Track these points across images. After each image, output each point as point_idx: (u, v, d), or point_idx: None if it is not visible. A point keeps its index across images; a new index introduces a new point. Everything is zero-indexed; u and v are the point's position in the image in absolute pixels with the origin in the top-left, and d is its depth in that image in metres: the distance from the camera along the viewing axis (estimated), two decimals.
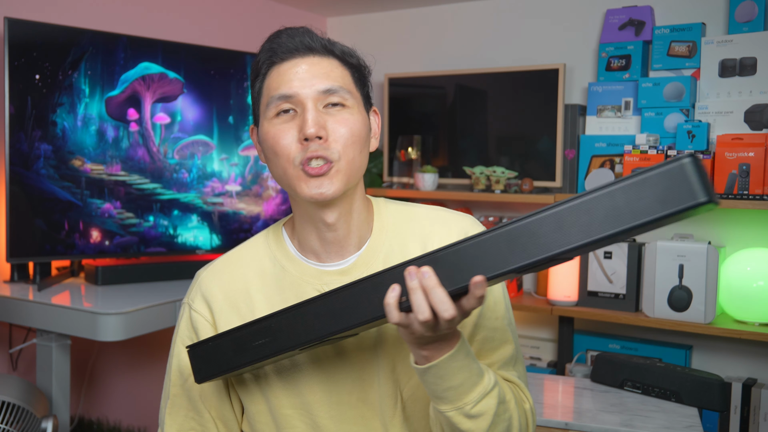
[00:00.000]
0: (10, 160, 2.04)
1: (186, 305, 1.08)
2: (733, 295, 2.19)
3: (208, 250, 2.45)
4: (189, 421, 1.07)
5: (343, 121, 0.96)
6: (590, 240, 0.72)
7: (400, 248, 1.04)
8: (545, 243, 0.75)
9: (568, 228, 0.73)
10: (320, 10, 3.19)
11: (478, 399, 0.89)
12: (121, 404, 2.59)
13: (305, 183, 0.95)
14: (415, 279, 0.81)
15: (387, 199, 1.11)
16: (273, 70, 0.99)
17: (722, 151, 2.16)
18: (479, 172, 2.62)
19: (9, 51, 2.03)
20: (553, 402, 1.95)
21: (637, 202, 0.70)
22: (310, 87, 0.96)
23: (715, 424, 2.24)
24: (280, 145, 0.96)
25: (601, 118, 2.51)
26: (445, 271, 0.80)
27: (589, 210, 0.72)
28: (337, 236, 1.02)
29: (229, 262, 1.09)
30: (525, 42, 2.80)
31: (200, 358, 0.96)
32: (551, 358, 2.71)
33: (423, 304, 0.80)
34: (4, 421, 1.71)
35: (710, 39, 2.30)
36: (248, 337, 0.92)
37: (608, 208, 0.71)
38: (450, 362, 0.87)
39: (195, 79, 2.40)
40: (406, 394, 1.03)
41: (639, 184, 0.70)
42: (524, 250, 0.76)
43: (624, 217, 0.70)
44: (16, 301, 1.99)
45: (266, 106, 0.98)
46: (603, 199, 0.71)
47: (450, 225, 1.06)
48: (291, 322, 0.89)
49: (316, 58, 0.98)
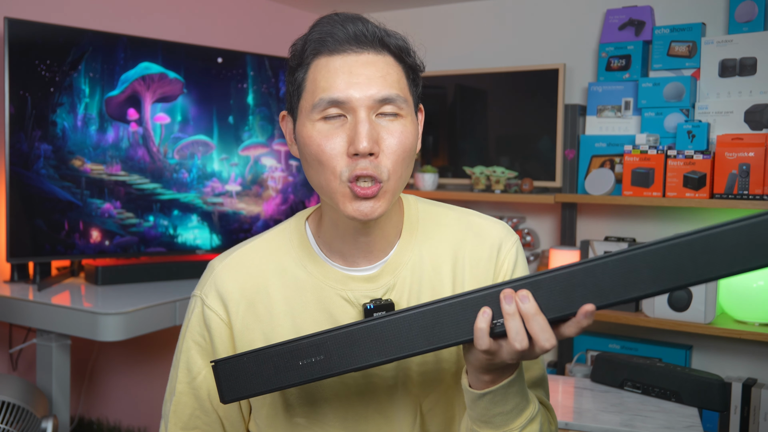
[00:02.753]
0: (10, 160, 2.04)
1: (198, 299, 1.01)
2: (733, 295, 2.19)
3: (208, 250, 2.45)
4: (194, 419, 1.02)
5: (396, 134, 0.88)
6: (722, 274, 0.69)
7: (429, 255, 0.98)
8: (670, 274, 0.70)
9: (697, 260, 0.69)
10: (320, 10, 3.19)
11: (524, 425, 0.86)
12: (121, 404, 2.59)
13: (350, 202, 0.87)
14: (513, 303, 0.75)
15: (417, 198, 1.05)
16: (320, 61, 0.89)
17: (722, 151, 2.16)
18: (479, 172, 2.62)
19: (9, 51, 2.03)
20: (553, 402, 1.95)
21: (745, 247, 0.68)
22: (365, 93, 0.86)
23: (715, 424, 2.24)
24: (327, 155, 0.87)
25: (601, 118, 2.51)
26: (544, 297, 0.74)
27: (723, 243, 0.69)
28: (369, 241, 0.96)
29: (246, 255, 1.00)
30: (525, 42, 2.81)
31: (231, 376, 0.84)
32: (551, 358, 2.71)
33: (521, 332, 0.75)
34: (4, 421, 1.71)
35: (710, 39, 2.30)
36: (296, 354, 0.82)
37: (744, 242, 0.68)
38: (509, 388, 0.83)
39: (195, 79, 2.40)
40: (426, 408, 0.98)
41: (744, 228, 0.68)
42: (644, 281, 0.71)
43: (759, 252, 0.68)
44: (16, 301, 1.99)
45: (312, 106, 0.88)
46: (739, 232, 0.68)
47: (483, 235, 1.00)
48: (352, 341, 0.80)
49: (371, 56, 0.88)
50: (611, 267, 0.72)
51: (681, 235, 0.70)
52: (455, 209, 1.04)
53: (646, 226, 2.54)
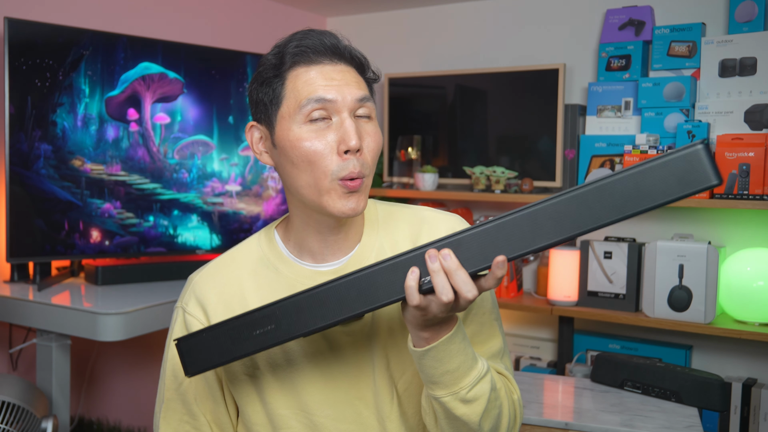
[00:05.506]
0: (10, 160, 2.05)
1: (180, 309, 1.08)
2: (733, 295, 2.19)
3: (208, 250, 2.45)
4: (184, 425, 1.06)
5: (372, 134, 0.97)
6: (614, 219, 0.77)
7: (390, 245, 1.05)
8: (571, 223, 0.79)
9: (593, 207, 0.78)
10: (320, 10, 3.19)
11: (474, 383, 0.90)
12: (121, 404, 2.59)
13: (339, 198, 0.95)
14: (437, 261, 0.82)
15: (374, 199, 1.12)
16: (299, 71, 0.96)
17: (722, 151, 2.16)
18: (479, 172, 2.62)
19: (9, 51, 2.03)
20: (553, 402, 1.95)
21: (658, 184, 0.76)
22: (346, 94, 0.95)
23: (715, 424, 2.24)
24: (318, 154, 0.93)
25: (601, 118, 2.51)
26: (464, 254, 0.82)
27: (613, 192, 0.77)
28: (337, 239, 1.03)
29: (223, 265, 1.08)
30: (525, 42, 2.81)
31: (192, 351, 0.93)
32: (551, 358, 2.71)
33: (446, 286, 0.82)
34: (4, 421, 1.71)
35: (710, 39, 2.30)
36: (249, 326, 0.90)
37: (631, 189, 0.76)
38: (448, 344, 0.88)
39: (195, 79, 2.40)
40: (401, 389, 1.03)
41: (660, 167, 0.76)
42: (548, 232, 0.79)
43: (645, 197, 0.76)
44: (16, 301, 1.99)
45: (297, 109, 0.94)
46: (626, 180, 0.77)
47: (437, 225, 1.07)
48: (298, 308, 0.88)
49: (345, 66, 0.97)
50: (519, 222, 0.80)
51: (577, 187, 0.79)
52: (411, 207, 1.12)
53: (646, 226, 2.54)
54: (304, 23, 3.17)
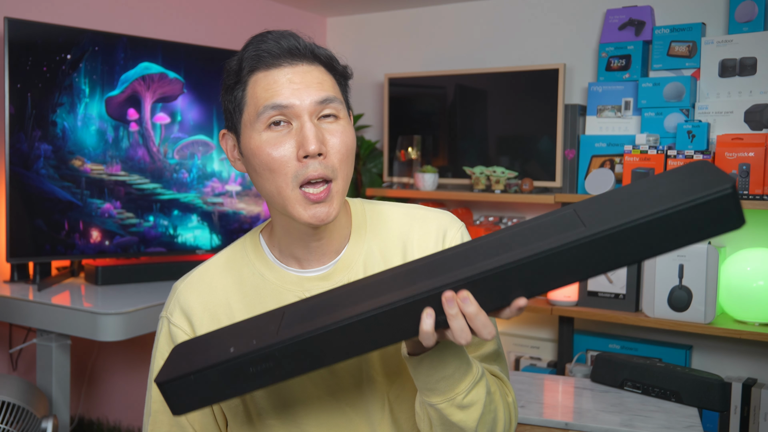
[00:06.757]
0: (10, 160, 2.04)
1: (164, 319, 1.05)
2: (733, 295, 2.19)
3: (208, 250, 2.45)
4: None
5: (338, 134, 0.93)
6: (633, 261, 0.75)
7: (379, 249, 1.03)
8: (592, 266, 0.75)
9: (617, 249, 0.74)
10: (320, 10, 3.19)
11: (469, 388, 0.88)
12: (121, 404, 2.59)
13: (302, 207, 0.92)
14: (455, 306, 0.77)
15: (362, 200, 1.09)
16: (258, 76, 0.94)
17: (722, 151, 2.16)
18: (479, 172, 2.62)
19: (9, 51, 2.03)
20: (553, 402, 1.95)
21: (683, 227, 0.72)
22: (306, 98, 0.92)
23: (715, 424, 2.24)
24: (277, 162, 0.91)
25: (601, 118, 2.51)
26: (481, 293, 0.78)
27: (638, 234, 0.73)
28: (320, 245, 1.00)
29: (207, 272, 1.05)
30: (525, 42, 2.81)
31: (178, 393, 0.83)
32: (551, 358, 2.71)
33: (465, 329, 0.78)
34: (4, 421, 1.71)
35: (710, 39, 2.30)
36: (246, 366, 0.81)
37: (654, 234, 0.73)
38: (443, 350, 0.86)
39: (195, 79, 2.40)
40: (392, 395, 1.01)
41: (688, 212, 0.72)
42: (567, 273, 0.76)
43: (667, 241, 0.73)
44: (16, 301, 1.99)
45: (256, 116, 0.92)
46: (651, 225, 0.73)
47: (428, 223, 1.04)
48: (300, 349, 0.80)
49: (306, 66, 0.94)
50: (536, 265, 0.76)
51: (582, 237, 0.75)
52: (400, 205, 1.09)
53: None
54: (304, 23, 3.17)
